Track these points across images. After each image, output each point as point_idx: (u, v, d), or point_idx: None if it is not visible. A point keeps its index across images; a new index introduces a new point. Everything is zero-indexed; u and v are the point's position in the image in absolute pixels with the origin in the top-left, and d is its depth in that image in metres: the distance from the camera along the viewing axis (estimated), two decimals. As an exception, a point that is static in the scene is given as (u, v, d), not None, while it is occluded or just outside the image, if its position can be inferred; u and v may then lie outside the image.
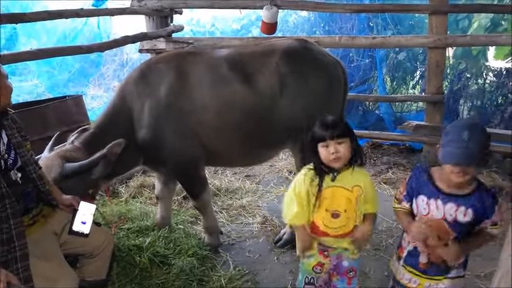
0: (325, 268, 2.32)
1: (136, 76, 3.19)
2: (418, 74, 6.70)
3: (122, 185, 4.64)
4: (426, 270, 2.14)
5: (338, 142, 2.10)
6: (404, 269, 2.21)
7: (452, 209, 2.01)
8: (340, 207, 2.18)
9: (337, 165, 2.14)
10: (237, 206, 4.29)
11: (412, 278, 2.18)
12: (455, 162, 1.92)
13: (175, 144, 3.12)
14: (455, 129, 1.94)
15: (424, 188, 2.08)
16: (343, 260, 2.30)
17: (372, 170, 5.25)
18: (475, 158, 1.89)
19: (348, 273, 2.32)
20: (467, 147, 1.86)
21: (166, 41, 4.71)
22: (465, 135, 1.87)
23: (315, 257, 2.30)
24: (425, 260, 2.13)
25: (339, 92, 3.41)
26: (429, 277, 2.14)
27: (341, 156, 2.10)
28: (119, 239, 3.35)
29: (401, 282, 2.23)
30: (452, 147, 1.90)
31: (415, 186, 2.12)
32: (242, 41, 4.68)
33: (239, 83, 3.12)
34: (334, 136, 2.09)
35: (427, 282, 2.15)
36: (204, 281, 3.08)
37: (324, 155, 2.13)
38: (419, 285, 2.17)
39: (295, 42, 3.37)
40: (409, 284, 2.19)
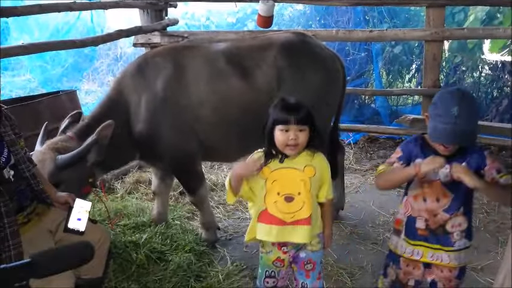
0: (285, 262, 2.19)
1: (133, 70, 3.16)
2: (414, 68, 6.68)
3: (118, 180, 4.60)
4: (427, 238, 2.07)
5: (300, 129, 1.96)
6: (405, 243, 2.14)
7: (446, 170, 1.94)
8: (294, 190, 2.03)
9: (291, 152, 2.00)
10: (233, 200, 4.25)
11: (414, 250, 2.11)
12: (442, 142, 1.89)
13: (171, 139, 3.10)
14: (443, 101, 1.87)
15: (419, 151, 2.03)
16: (300, 252, 2.18)
17: (368, 163, 5.25)
18: (463, 137, 1.85)
19: (304, 266, 2.19)
20: (456, 123, 1.80)
21: (161, 35, 4.66)
22: (454, 110, 1.80)
23: (274, 252, 2.17)
24: (423, 225, 2.07)
25: (337, 86, 3.39)
26: (431, 246, 2.08)
27: (299, 143, 1.97)
28: (115, 235, 3.32)
29: (404, 256, 2.15)
30: (440, 122, 1.84)
31: (411, 149, 2.06)
32: (238, 34, 4.64)
33: (236, 77, 3.10)
34: (299, 121, 1.95)
35: (429, 252, 2.08)
36: (201, 276, 3.06)
37: (281, 140, 1.97)
38: (423, 256, 2.10)
39: (293, 35, 3.35)
40: (412, 257, 2.12)
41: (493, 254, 3.30)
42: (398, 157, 2.09)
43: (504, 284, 1.11)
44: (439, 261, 2.09)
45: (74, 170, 2.76)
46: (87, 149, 2.75)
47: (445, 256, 2.08)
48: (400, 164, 2.06)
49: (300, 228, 2.05)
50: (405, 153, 2.08)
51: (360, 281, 3.04)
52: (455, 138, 1.85)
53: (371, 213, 4.01)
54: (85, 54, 7.22)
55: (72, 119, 3.12)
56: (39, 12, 3.31)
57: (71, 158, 2.73)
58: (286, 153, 2.01)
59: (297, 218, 2.04)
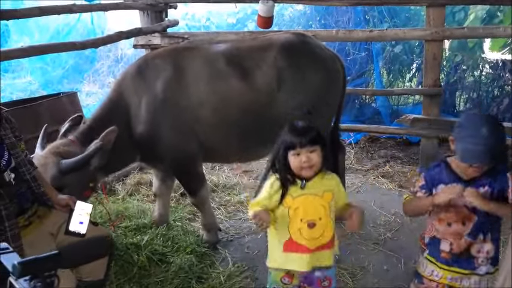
0: (294, 279, 2.17)
1: (133, 71, 3.16)
2: (415, 67, 6.67)
3: (119, 182, 4.60)
4: (449, 261, 2.06)
5: (310, 150, 1.97)
6: (427, 261, 2.14)
7: None
8: (315, 215, 2.04)
9: (308, 174, 2.00)
10: (235, 201, 4.26)
11: (434, 271, 2.11)
12: (475, 163, 1.89)
13: (172, 140, 3.10)
14: (471, 124, 1.90)
15: (442, 176, 2.02)
16: (315, 271, 2.13)
17: (369, 163, 5.24)
18: (495, 156, 1.84)
19: (321, 284, 2.17)
20: (486, 144, 1.81)
21: (161, 36, 4.66)
22: (484, 131, 1.81)
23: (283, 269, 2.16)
24: (448, 248, 2.05)
25: (337, 86, 3.39)
26: (453, 270, 2.06)
27: (313, 164, 1.98)
28: (116, 237, 3.32)
29: (423, 275, 2.14)
30: (470, 143, 1.85)
31: (434, 176, 2.05)
32: (238, 35, 4.64)
33: (236, 78, 3.10)
34: (306, 144, 1.96)
35: (449, 275, 2.07)
36: (203, 278, 3.06)
37: (295, 164, 1.98)
38: (442, 278, 2.09)
39: (293, 36, 3.35)
40: (431, 277, 2.12)
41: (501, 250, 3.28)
42: (420, 186, 2.10)
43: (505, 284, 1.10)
44: (458, 284, 2.08)
45: (77, 174, 2.76)
46: (91, 155, 2.76)
47: (464, 280, 2.07)
48: (422, 194, 2.09)
49: (324, 253, 2.10)
50: (427, 181, 2.08)
51: (362, 281, 3.04)
52: (487, 157, 1.85)
53: (372, 213, 4.00)
54: (86, 56, 7.22)
55: (72, 123, 3.12)
56: (39, 15, 3.31)
57: (75, 163, 2.73)
58: (303, 175, 2.02)
59: (321, 243, 2.07)
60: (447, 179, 2.01)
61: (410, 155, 5.47)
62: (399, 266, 3.23)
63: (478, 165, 1.90)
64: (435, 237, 2.10)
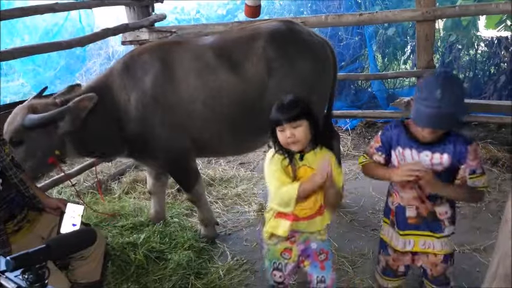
0: (293, 254, 2.19)
1: (120, 68, 3.10)
2: (409, 49, 6.60)
3: (115, 181, 4.58)
4: (418, 226, 2.06)
5: (294, 126, 1.96)
6: (397, 234, 2.12)
7: (427, 157, 1.95)
8: None
9: (295, 148, 2.01)
10: (232, 194, 4.23)
11: (405, 241, 2.10)
12: (425, 126, 1.85)
13: (163, 137, 3.06)
14: (427, 85, 1.83)
15: (400, 138, 2.01)
16: (310, 242, 2.18)
17: (366, 149, 5.20)
18: (447, 121, 1.81)
19: (318, 256, 2.19)
20: (440, 107, 1.75)
21: (149, 31, 4.59)
22: (437, 93, 1.75)
23: (281, 243, 2.17)
24: (414, 213, 2.05)
25: (328, 72, 3.35)
26: (422, 233, 2.07)
27: (298, 139, 1.97)
28: (112, 237, 3.30)
29: (396, 249, 2.14)
30: (424, 105, 1.80)
31: (391, 137, 2.04)
32: (227, 26, 4.57)
33: (226, 70, 3.05)
34: (290, 119, 1.95)
35: (421, 240, 2.08)
36: (201, 273, 3.04)
37: (282, 140, 2.01)
38: (415, 245, 2.09)
39: (281, 24, 3.29)
40: (404, 249, 2.11)
41: (495, 234, 3.24)
42: (376, 148, 2.09)
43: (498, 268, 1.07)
44: (431, 249, 2.08)
45: (41, 133, 2.71)
46: (57, 114, 2.66)
47: (437, 243, 2.07)
48: (379, 156, 2.09)
49: (312, 221, 2.11)
50: (384, 142, 2.07)
51: (362, 268, 3.02)
52: (438, 122, 1.81)
53: (370, 199, 3.97)
54: (76, 55, 7.13)
55: (69, 89, 3.09)
56: (21, 16, 3.25)
57: (38, 119, 2.67)
58: (292, 149, 2.02)
59: (310, 213, 2.09)
60: (405, 141, 1.99)
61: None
62: (399, 251, 3.20)
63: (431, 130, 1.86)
64: (399, 205, 2.09)
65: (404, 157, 2.01)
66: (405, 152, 2.00)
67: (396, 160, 2.05)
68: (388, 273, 2.25)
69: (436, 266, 2.11)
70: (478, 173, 1.93)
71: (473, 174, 1.92)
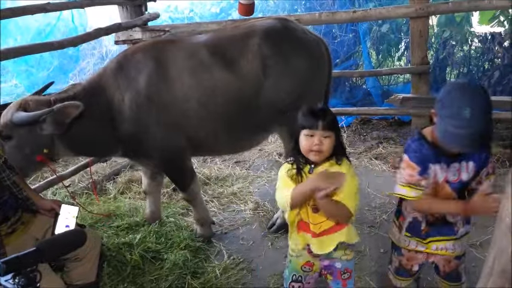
0: (315, 267, 2.15)
1: (113, 68, 3.06)
2: (403, 45, 6.60)
3: (110, 181, 4.55)
4: (430, 233, 2.03)
5: (325, 135, 1.92)
6: (408, 238, 2.10)
7: (454, 169, 1.89)
8: None
9: (315, 158, 1.95)
10: (228, 193, 4.22)
11: (418, 243, 2.08)
12: (458, 149, 1.78)
13: (158, 136, 3.03)
14: (453, 101, 1.68)
15: (427, 155, 1.88)
16: (335, 261, 2.13)
17: (362, 146, 5.21)
18: (478, 142, 1.68)
19: (341, 275, 2.15)
20: (470, 126, 1.62)
21: (142, 31, 4.56)
22: (467, 112, 1.60)
23: (303, 256, 2.12)
24: (425, 224, 2.03)
25: (323, 70, 3.33)
26: (436, 239, 2.03)
27: (323, 149, 1.92)
28: (108, 237, 3.29)
29: (408, 249, 2.11)
30: (451, 125, 1.66)
31: (422, 157, 1.89)
32: (220, 24, 4.55)
33: (221, 68, 3.03)
34: (325, 127, 1.91)
35: (433, 245, 2.05)
36: (198, 273, 3.03)
37: (305, 145, 1.94)
38: (427, 248, 2.06)
39: (276, 21, 3.28)
40: (417, 248, 2.08)
41: (491, 229, 3.26)
42: (418, 173, 1.89)
43: (495, 265, 1.06)
44: (444, 251, 2.05)
45: (29, 132, 2.71)
46: (38, 116, 2.65)
47: (449, 245, 2.04)
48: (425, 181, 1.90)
49: (326, 238, 2.03)
50: (421, 165, 1.89)
51: (359, 265, 3.01)
52: (471, 144, 1.69)
53: (367, 196, 3.97)
54: (70, 56, 7.09)
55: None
56: (11, 16, 3.21)
57: (24, 118, 2.67)
58: (310, 159, 1.97)
59: (325, 227, 2.02)
60: (432, 157, 1.88)
61: (403, 134, 5.44)
62: (395, 248, 3.20)
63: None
64: (416, 219, 2.05)
65: (435, 174, 1.91)
66: (435, 167, 1.89)
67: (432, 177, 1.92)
68: (402, 273, 2.22)
69: (450, 262, 2.10)
70: (491, 172, 1.91)
71: (489, 175, 1.91)
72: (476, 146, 1.73)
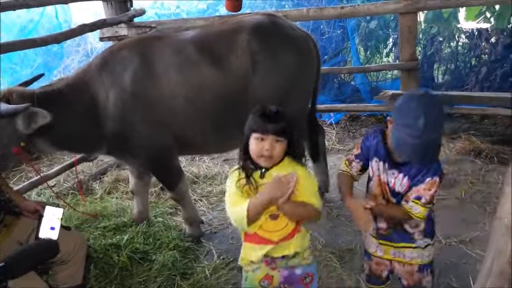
0: (274, 281, 1.95)
1: (98, 64, 3.00)
2: (391, 42, 6.60)
3: (96, 181, 4.47)
4: (391, 237, 2.06)
5: (276, 139, 1.81)
6: (371, 238, 2.13)
7: (393, 176, 1.96)
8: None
9: (265, 164, 1.85)
10: (217, 192, 4.17)
11: (378, 246, 2.11)
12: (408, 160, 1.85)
13: (143, 134, 2.97)
14: (409, 110, 1.73)
15: (378, 150, 2.00)
16: (295, 269, 1.97)
17: (351, 143, 5.19)
18: (427, 154, 1.76)
19: (303, 280, 2.00)
20: (422, 137, 1.66)
21: (127, 27, 4.48)
22: (421, 122, 1.65)
23: (261, 269, 1.93)
24: (385, 225, 2.06)
25: (311, 66, 3.31)
26: (395, 244, 2.07)
27: (274, 155, 1.82)
28: (94, 239, 3.21)
29: (369, 251, 2.16)
30: (405, 134, 1.71)
31: (370, 147, 2.03)
32: (207, 21, 4.48)
33: (208, 65, 2.98)
34: (277, 132, 1.80)
35: (391, 250, 2.08)
36: (187, 274, 2.98)
37: (255, 149, 1.82)
38: (385, 253, 2.10)
39: (264, 17, 3.24)
40: (375, 253, 2.13)
41: (480, 225, 3.27)
42: (356, 155, 2.11)
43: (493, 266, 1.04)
44: (401, 258, 2.09)
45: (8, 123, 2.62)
46: (12, 112, 2.57)
47: (407, 253, 2.07)
48: (356, 163, 2.10)
49: (287, 243, 1.92)
50: (363, 151, 2.08)
51: (350, 263, 3.00)
52: (419, 155, 1.75)
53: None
54: (54, 53, 6.95)
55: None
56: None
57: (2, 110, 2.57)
58: (260, 163, 1.86)
59: (284, 234, 1.90)
60: (382, 154, 1.98)
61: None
62: (386, 245, 3.19)
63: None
64: (375, 215, 2.05)
65: (378, 170, 2.02)
66: (380, 164, 2.01)
67: (371, 171, 2.06)
68: (373, 281, 2.24)
69: (412, 275, 2.10)
70: (422, 202, 1.90)
71: (418, 200, 1.91)
72: (425, 159, 1.79)
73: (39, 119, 2.61)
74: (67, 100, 2.83)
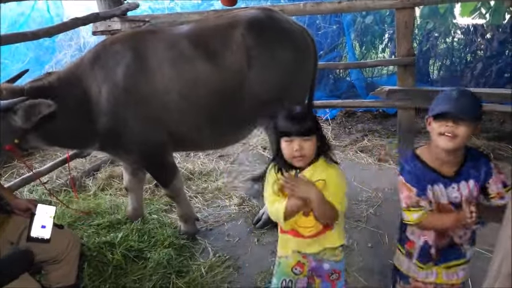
0: (305, 269, 2.08)
1: (91, 58, 2.93)
2: (387, 37, 6.57)
3: (89, 177, 4.41)
4: (439, 260, 1.94)
5: (304, 139, 1.85)
6: (417, 267, 2.00)
7: (454, 190, 1.82)
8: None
9: (298, 163, 1.89)
10: (212, 188, 4.14)
11: (427, 273, 1.98)
12: (444, 111, 1.70)
13: (137, 130, 2.91)
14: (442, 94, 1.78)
15: (423, 174, 1.83)
16: (323, 262, 2.07)
17: (347, 139, 5.17)
18: (466, 110, 1.68)
19: (329, 277, 2.09)
20: (458, 100, 1.69)
21: (121, 21, 4.39)
22: (454, 93, 1.72)
23: (294, 257, 2.06)
24: (434, 250, 1.93)
25: (308, 61, 3.26)
26: (446, 265, 1.95)
27: (305, 154, 1.86)
28: (88, 237, 3.16)
29: (418, 279, 2.01)
30: (441, 104, 1.73)
31: (418, 177, 1.84)
32: (202, 15, 4.41)
33: (203, 60, 2.92)
34: (303, 133, 1.84)
35: (444, 274, 1.96)
36: (183, 272, 2.94)
37: (287, 151, 1.88)
38: (438, 277, 1.97)
39: (259, 11, 3.18)
40: (427, 280, 1.99)
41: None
42: (416, 194, 1.85)
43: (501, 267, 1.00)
44: (456, 279, 1.98)
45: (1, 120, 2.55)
46: (11, 105, 2.51)
47: (460, 272, 1.97)
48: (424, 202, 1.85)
49: (316, 239, 2.01)
50: (417, 185, 1.85)
51: (347, 260, 2.95)
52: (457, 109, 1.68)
53: (353, 189, 3.93)
54: (46, 47, 6.85)
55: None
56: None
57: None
58: (294, 164, 1.91)
59: (315, 231, 1.98)
60: (429, 177, 1.83)
61: (388, 127, 5.43)
62: (383, 242, 3.18)
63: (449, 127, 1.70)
64: (427, 243, 1.95)
65: (433, 194, 1.85)
66: (434, 188, 1.84)
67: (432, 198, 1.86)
68: None
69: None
70: (509, 185, 1.81)
71: (507, 186, 1.81)
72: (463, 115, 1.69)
73: (42, 108, 2.55)
74: (58, 95, 2.76)
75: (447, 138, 1.72)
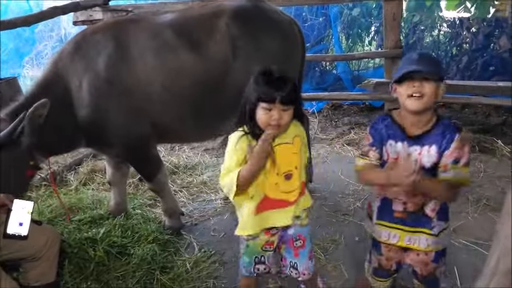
0: (274, 244, 2.07)
1: (71, 49, 2.84)
2: (373, 30, 6.55)
3: (70, 172, 4.29)
4: (404, 220, 1.94)
5: (284, 109, 1.77)
6: (380, 226, 2.02)
7: (416, 152, 1.84)
8: (291, 165, 1.91)
9: (274, 132, 1.79)
10: (197, 182, 4.07)
11: (390, 233, 1.99)
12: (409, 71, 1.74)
13: (120, 123, 2.83)
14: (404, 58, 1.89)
15: (390, 131, 1.90)
16: (288, 228, 2.02)
17: (333, 132, 5.14)
18: (429, 68, 1.74)
19: (294, 243, 2.05)
20: (419, 60, 1.75)
21: (102, 11, 4.28)
22: (415, 55, 1.79)
23: (261, 237, 2.01)
24: (401, 208, 1.94)
25: (296, 52, 3.21)
26: (409, 229, 1.95)
27: (282, 123, 1.78)
28: (69, 233, 3.06)
29: (381, 241, 2.04)
30: (405, 67, 1.78)
31: (381, 131, 1.92)
32: (187, 4, 4.32)
33: (187, 50, 2.86)
34: (286, 101, 1.75)
35: (407, 236, 1.96)
36: (167, 268, 2.87)
37: (263, 119, 1.78)
38: (399, 240, 1.98)
39: (245, 1, 3.12)
40: (388, 241, 2.01)
41: (463, 214, 3.26)
42: (370, 144, 1.95)
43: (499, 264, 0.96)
44: (416, 245, 1.97)
45: (9, 152, 2.46)
46: (14, 129, 2.44)
47: (423, 240, 1.95)
48: (374, 151, 1.93)
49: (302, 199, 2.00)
50: (376, 137, 1.94)
51: (334, 254, 2.94)
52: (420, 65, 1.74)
53: (340, 183, 3.91)
54: (25, 38, 6.70)
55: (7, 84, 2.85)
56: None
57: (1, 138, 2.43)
58: (267, 131, 1.80)
59: (298, 191, 1.96)
60: (396, 134, 1.89)
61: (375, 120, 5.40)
62: (370, 236, 3.15)
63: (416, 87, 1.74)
64: (386, 198, 1.98)
65: (397, 151, 1.88)
66: (397, 145, 1.88)
67: (387, 155, 1.92)
68: (381, 274, 2.16)
69: (427, 266, 2.02)
70: (463, 162, 1.78)
71: (456, 164, 1.79)
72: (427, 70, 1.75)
73: (40, 110, 2.48)
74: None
75: (414, 98, 1.76)
